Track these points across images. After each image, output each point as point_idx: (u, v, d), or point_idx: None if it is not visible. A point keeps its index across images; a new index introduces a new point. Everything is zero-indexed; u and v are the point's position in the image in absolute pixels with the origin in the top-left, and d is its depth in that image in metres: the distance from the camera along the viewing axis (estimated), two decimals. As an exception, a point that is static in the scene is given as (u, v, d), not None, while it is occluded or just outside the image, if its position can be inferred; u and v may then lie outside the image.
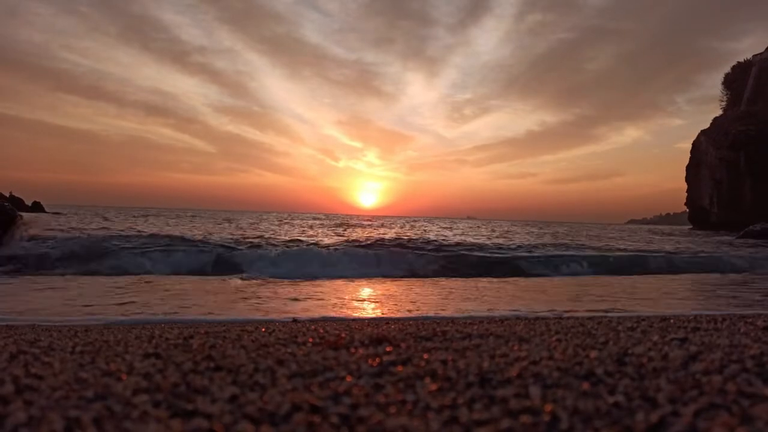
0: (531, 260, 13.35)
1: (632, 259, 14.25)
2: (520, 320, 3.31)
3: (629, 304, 6.82)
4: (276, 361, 1.53)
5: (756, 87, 62.56)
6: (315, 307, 6.25)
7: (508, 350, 1.67)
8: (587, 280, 11.08)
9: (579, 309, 6.19)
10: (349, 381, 1.27)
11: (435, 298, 7.24)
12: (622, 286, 9.48)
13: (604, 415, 0.98)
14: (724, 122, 60.91)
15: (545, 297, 7.74)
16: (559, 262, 13.26)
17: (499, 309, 6.27)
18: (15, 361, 1.58)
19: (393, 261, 12.01)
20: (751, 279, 10.91)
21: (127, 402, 1.08)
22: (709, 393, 1.10)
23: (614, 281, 10.51)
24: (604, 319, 3.09)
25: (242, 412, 1.01)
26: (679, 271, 13.01)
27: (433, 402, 1.08)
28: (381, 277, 10.50)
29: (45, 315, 5.27)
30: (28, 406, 1.04)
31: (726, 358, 1.45)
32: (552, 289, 8.93)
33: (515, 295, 7.97)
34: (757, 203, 52.19)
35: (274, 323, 4.00)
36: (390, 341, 1.87)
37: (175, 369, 1.41)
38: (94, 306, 5.99)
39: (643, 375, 1.29)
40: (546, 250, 15.31)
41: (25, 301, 6.36)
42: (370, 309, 6.37)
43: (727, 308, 6.31)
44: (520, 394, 1.13)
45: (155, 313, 5.45)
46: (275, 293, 7.45)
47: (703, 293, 8.62)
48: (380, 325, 3.14)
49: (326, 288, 8.23)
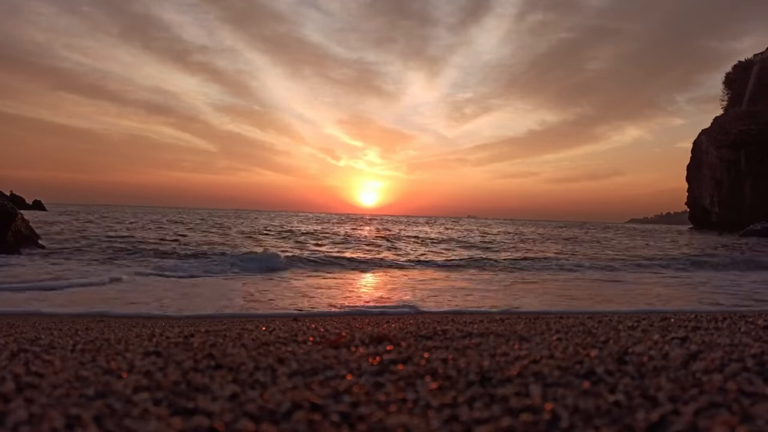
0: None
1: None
2: (520, 319, 3.31)
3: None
4: (276, 359, 1.53)
5: (757, 87, 62.48)
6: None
7: (508, 349, 1.67)
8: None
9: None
10: (349, 379, 1.27)
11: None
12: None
13: (605, 414, 0.98)
14: (724, 122, 60.84)
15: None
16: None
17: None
18: (16, 359, 1.58)
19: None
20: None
21: (127, 400, 1.08)
22: (710, 392, 1.10)
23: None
24: (604, 318, 3.09)
25: (243, 410, 1.01)
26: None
27: (434, 400, 1.08)
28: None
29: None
30: (29, 403, 1.04)
31: (726, 357, 1.44)
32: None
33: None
34: (758, 203, 52.15)
35: (275, 322, 4.01)
36: (390, 340, 1.87)
37: (176, 367, 1.41)
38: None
39: (644, 374, 1.29)
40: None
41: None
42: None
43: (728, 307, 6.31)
44: (521, 392, 1.13)
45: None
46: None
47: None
48: (381, 323, 3.14)
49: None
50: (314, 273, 11.33)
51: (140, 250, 14.40)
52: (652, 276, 12.07)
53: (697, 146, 65.47)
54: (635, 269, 13.45)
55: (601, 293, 8.86)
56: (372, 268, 12.62)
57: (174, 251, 14.39)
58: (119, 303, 6.73)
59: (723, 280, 11.12)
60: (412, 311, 6.39)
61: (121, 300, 6.98)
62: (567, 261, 14.96)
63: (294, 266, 12.19)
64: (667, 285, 10.27)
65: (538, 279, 11.03)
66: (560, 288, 9.49)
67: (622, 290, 9.37)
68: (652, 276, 12.07)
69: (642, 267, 13.93)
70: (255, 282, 9.39)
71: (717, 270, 13.27)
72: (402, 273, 11.87)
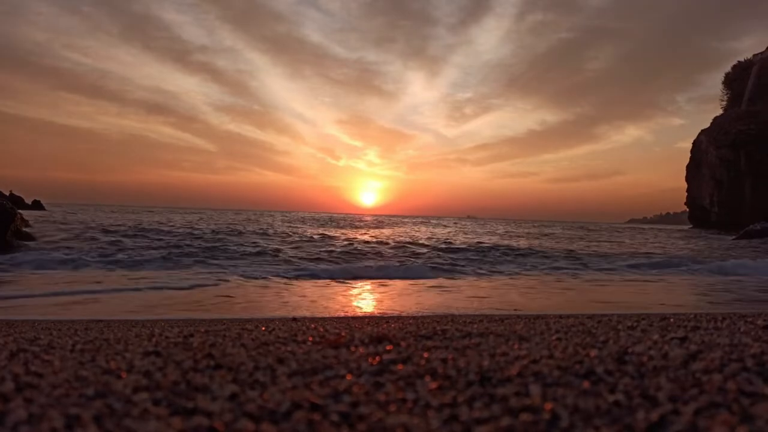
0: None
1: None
2: (520, 319, 3.31)
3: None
4: (276, 359, 1.53)
5: (756, 86, 62.50)
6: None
7: (508, 349, 1.67)
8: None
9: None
10: (349, 379, 1.27)
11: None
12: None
13: (605, 414, 0.98)
14: (724, 122, 60.85)
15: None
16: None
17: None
18: (15, 359, 1.58)
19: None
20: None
21: (127, 400, 1.07)
22: (710, 392, 1.10)
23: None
24: (604, 318, 3.09)
25: (242, 410, 1.01)
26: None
27: (434, 400, 1.08)
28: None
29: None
30: (29, 403, 1.04)
31: (726, 356, 1.44)
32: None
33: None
34: (757, 203, 52.17)
35: (274, 322, 4.00)
36: (390, 340, 1.87)
37: (176, 367, 1.41)
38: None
39: (644, 374, 1.29)
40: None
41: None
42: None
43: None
44: (521, 392, 1.13)
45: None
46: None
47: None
48: (380, 323, 3.14)
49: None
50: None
51: (247, 252, 13.97)
52: (652, 276, 12.07)
53: (696, 146, 65.48)
54: (634, 269, 13.45)
55: (601, 293, 8.86)
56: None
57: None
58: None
59: (723, 280, 11.12)
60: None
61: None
62: (567, 261, 14.96)
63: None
64: (668, 285, 10.27)
65: (537, 282, 11.02)
66: (558, 288, 9.49)
67: (621, 290, 9.37)
68: (652, 276, 12.07)
69: (642, 267, 13.93)
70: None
71: (717, 269, 13.27)
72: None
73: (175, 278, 9.37)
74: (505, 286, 9.72)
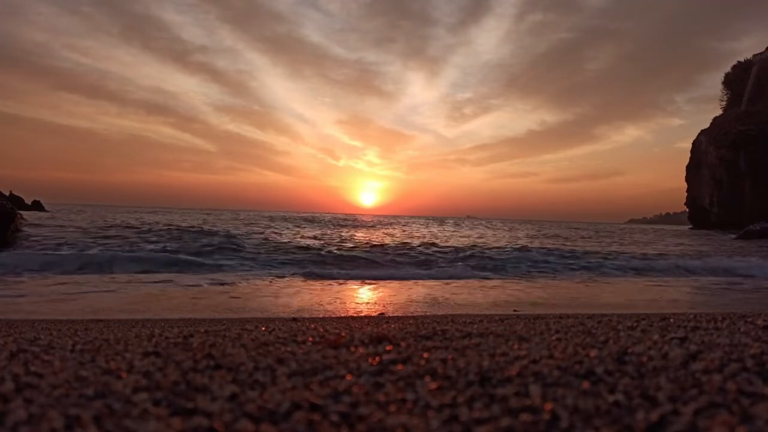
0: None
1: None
2: (520, 319, 3.31)
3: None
4: (276, 359, 1.53)
5: (756, 87, 62.53)
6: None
7: (508, 349, 1.67)
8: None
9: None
10: (349, 379, 1.27)
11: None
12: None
13: (604, 414, 0.98)
14: (724, 122, 60.88)
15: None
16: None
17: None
18: (15, 360, 1.58)
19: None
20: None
21: (127, 400, 1.07)
22: (709, 392, 1.10)
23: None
24: (604, 318, 3.09)
25: (242, 411, 1.01)
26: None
27: (433, 400, 1.08)
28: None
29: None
30: (28, 404, 1.03)
31: (726, 357, 1.44)
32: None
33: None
34: (757, 203, 52.18)
35: (274, 322, 4.00)
36: (390, 340, 1.87)
37: (175, 367, 1.41)
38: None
39: (643, 374, 1.29)
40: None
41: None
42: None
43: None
44: (520, 392, 1.13)
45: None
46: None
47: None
48: (380, 324, 3.14)
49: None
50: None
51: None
52: (651, 276, 12.07)
53: (696, 146, 65.51)
54: (633, 269, 13.44)
55: (600, 293, 8.86)
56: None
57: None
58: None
59: (724, 280, 11.12)
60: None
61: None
62: (568, 262, 14.96)
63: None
64: (666, 285, 10.27)
65: (541, 283, 11.02)
66: (564, 290, 9.49)
67: (620, 291, 9.37)
68: (651, 276, 12.07)
69: (641, 267, 13.92)
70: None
71: (715, 270, 13.27)
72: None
73: (175, 278, 9.39)
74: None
